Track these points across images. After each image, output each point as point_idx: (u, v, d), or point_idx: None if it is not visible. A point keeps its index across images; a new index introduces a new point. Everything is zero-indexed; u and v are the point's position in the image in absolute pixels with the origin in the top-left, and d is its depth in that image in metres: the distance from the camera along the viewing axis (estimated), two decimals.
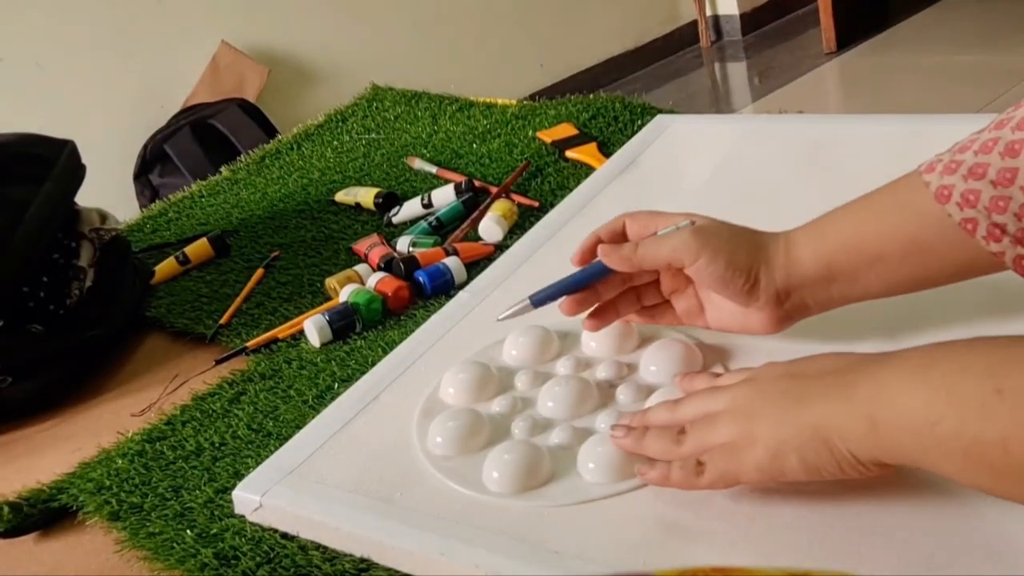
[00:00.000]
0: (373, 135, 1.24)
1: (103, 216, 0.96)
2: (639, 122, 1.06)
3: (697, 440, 0.51)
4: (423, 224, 0.97)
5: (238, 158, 1.28)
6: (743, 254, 0.57)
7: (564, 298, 0.62)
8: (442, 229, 0.96)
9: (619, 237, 0.62)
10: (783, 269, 0.58)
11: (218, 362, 0.82)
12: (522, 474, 0.55)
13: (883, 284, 0.56)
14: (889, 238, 0.55)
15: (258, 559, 0.57)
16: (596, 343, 0.66)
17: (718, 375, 0.58)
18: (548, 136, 1.08)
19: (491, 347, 0.69)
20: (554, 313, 0.67)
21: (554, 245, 0.84)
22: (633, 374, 0.63)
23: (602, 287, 0.63)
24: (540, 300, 0.63)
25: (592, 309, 0.63)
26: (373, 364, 0.74)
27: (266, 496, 0.60)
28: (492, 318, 0.74)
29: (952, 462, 0.42)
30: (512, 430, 0.60)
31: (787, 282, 0.57)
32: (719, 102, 3.38)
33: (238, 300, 0.92)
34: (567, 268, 0.80)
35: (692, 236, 0.57)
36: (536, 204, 0.96)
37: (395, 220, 1.01)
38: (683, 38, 3.82)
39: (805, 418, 0.46)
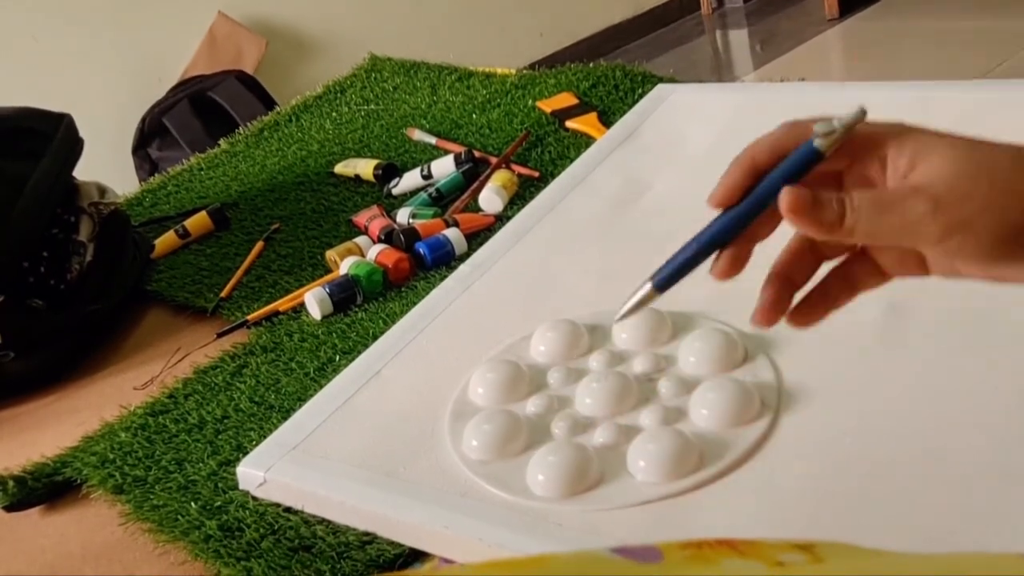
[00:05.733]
0: (372, 106, 1.23)
1: (102, 190, 0.96)
2: (640, 90, 1.05)
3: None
4: (423, 195, 0.96)
5: (237, 131, 1.27)
6: (1017, 215, 0.38)
7: (716, 260, 0.42)
8: (442, 200, 0.96)
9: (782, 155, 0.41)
10: None
11: (219, 335, 0.82)
12: (570, 477, 0.52)
13: None
14: None
15: (262, 531, 0.57)
16: (628, 335, 0.63)
17: None
18: (548, 106, 1.07)
19: (517, 344, 0.66)
20: (581, 308, 0.66)
21: (555, 217, 0.83)
22: (672, 366, 0.60)
23: (757, 230, 0.42)
24: (665, 280, 0.43)
25: (774, 302, 0.42)
26: (374, 336, 0.74)
27: (270, 472, 0.60)
28: (493, 291, 0.74)
29: None
30: (552, 431, 0.57)
31: None
32: (720, 70, 3.35)
33: (238, 273, 0.91)
34: (568, 240, 0.80)
35: (932, 213, 0.38)
36: (536, 174, 0.96)
37: (395, 191, 1.01)
38: (684, 5, 3.78)
39: None
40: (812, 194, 0.39)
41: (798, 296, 0.43)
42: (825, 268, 0.43)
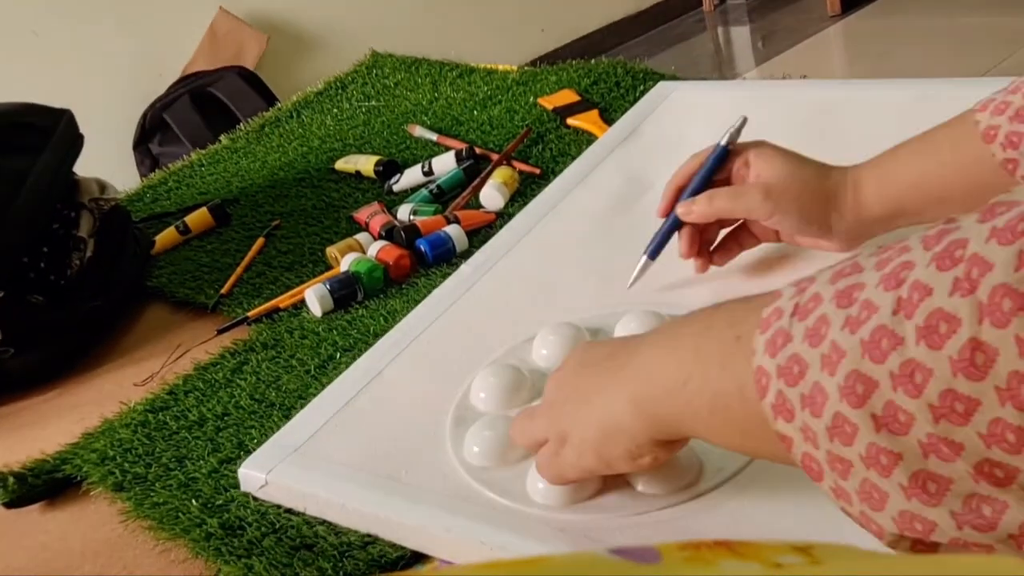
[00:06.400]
0: (373, 102, 1.23)
1: (102, 186, 0.96)
2: (641, 87, 1.05)
3: (525, 434, 0.51)
4: (424, 192, 0.96)
5: (238, 126, 1.27)
6: (813, 206, 0.61)
7: (683, 243, 0.66)
8: (443, 197, 0.96)
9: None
10: (852, 212, 0.61)
11: (220, 332, 0.82)
12: (571, 486, 0.51)
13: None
14: (951, 179, 0.57)
15: (264, 529, 0.57)
16: None
17: None
18: (549, 103, 1.07)
19: (519, 347, 0.65)
20: (582, 309, 0.66)
21: (556, 216, 0.83)
22: None
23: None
24: (653, 251, 0.67)
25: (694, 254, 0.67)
26: (375, 333, 0.74)
27: (271, 474, 0.60)
28: (494, 292, 0.74)
29: (701, 420, 0.40)
30: None
31: (856, 221, 0.61)
32: (722, 66, 3.34)
33: (239, 270, 0.91)
34: (570, 239, 0.80)
35: (764, 198, 0.61)
36: (538, 171, 0.96)
37: (396, 188, 1.01)
38: (686, 2, 3.78)
39: (593, 416, 0.46)
40: (689, 202, 0.65)
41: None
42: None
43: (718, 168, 0.65)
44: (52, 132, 0.91)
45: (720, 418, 0.39)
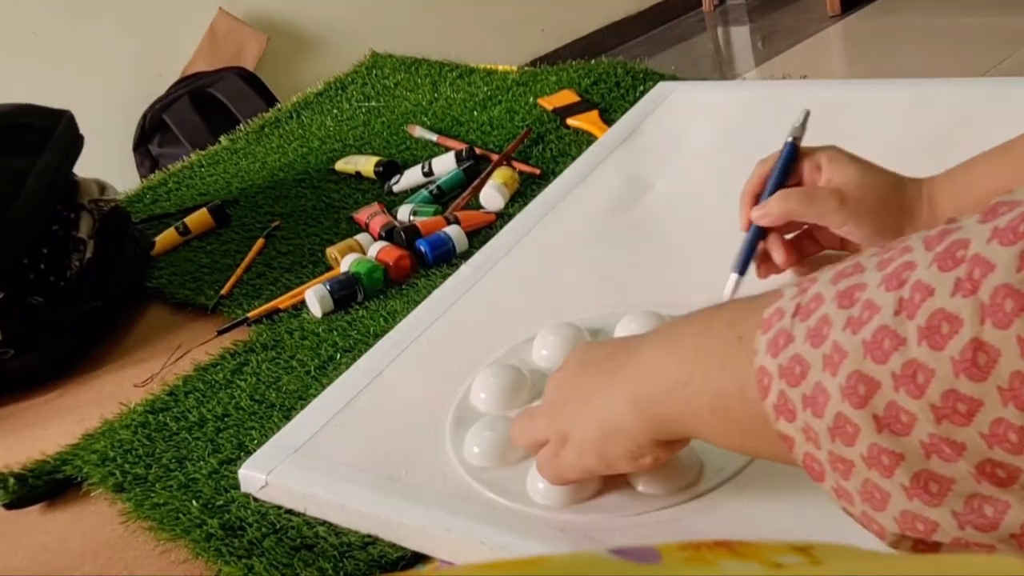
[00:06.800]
0: (373, 103, 1.23)
1: (102, 187, 0.96)
2: (641, 88, 1.05)
3: (526, 435, 0.51)
4: (424, 192, 0.96)
5: (237, 127, 1.27)
6: (889, 218, 0.59)
7: (775, 252, 0.62)
8: (443, 197, 0.96)
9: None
10: (927, 225, 0.59)
11: (220, 332, 0.82)
12: (571, 487, 0.51)
13: None
14: None
15: (264, 530, 0.57)
16: None
17: None
18: (549, 103, 1.07)
19: (519, 347, 0.66)
20: (582, 309, 0.66)
21: (556, 217, 0.83)
22: None
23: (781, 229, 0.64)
24: (742, 266, 0.63)
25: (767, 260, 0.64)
26: (375, 334, 0.74)
27: (272, 475, 0.60)
28: (494, 293, 0.74)
29: (702, 420, 0.40)
30: None
31: None
32: (722, 66, 3.34)
33: (239, 270, 0.91)
34: (570, 240, 0.80)
35: (839, 206, 0.59)
36: (538, 172, 0.96)
37: (396, 189, 1.01)
38: (686, 2, 3.78)
39: (594, 416, 0.46)
40: (764, 204, 0.62)
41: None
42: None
43: (789, 168, 0.62)
44: (52, 133, 0.91)
45: (721, 418, 0.39)
